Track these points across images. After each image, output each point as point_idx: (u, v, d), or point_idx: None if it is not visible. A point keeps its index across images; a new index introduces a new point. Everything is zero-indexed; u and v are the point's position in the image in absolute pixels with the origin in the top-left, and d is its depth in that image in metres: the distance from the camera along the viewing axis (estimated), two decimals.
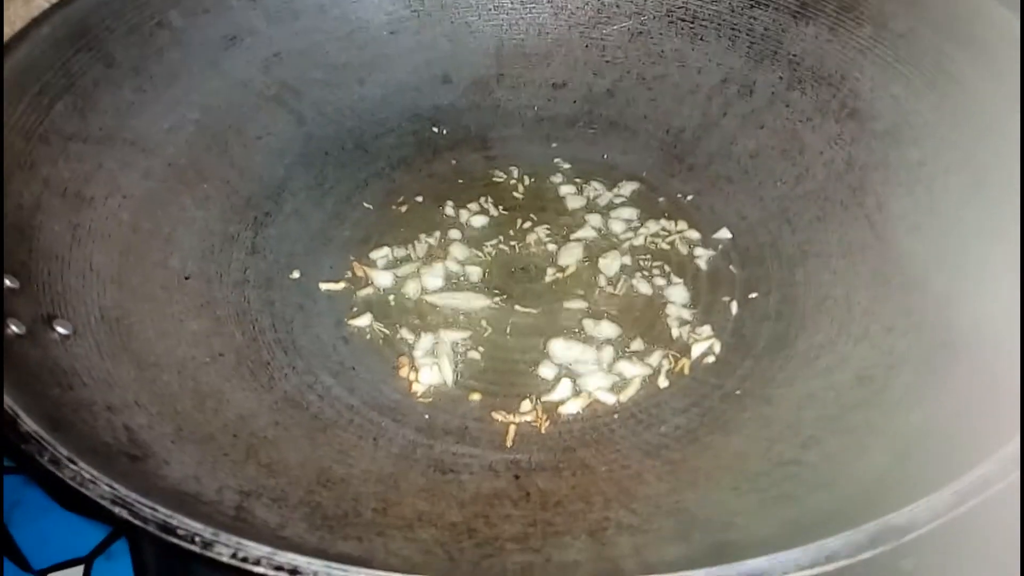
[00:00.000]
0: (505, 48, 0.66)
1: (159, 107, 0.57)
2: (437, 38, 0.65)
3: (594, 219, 0.58)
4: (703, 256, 0.55)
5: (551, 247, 0.56)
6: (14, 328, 0.39)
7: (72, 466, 0.33)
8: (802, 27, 0.60)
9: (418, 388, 0.48)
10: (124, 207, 0.52)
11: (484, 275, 0.54)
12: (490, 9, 0.66)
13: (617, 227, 0.57)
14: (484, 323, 0.51)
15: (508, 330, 0.51)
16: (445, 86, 0.65)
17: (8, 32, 0.67)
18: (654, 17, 0.65)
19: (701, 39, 0.63)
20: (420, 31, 0.65)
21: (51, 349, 0.40)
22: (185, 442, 0.39)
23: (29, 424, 0.33)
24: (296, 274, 0.54)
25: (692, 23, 0.64)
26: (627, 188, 0.60)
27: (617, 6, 0.65)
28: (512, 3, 0.66)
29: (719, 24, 0.63)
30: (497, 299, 0.53)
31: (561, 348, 0.50)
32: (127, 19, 0.57)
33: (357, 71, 0.64)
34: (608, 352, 0.50)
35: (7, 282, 0.41)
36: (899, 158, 0.53)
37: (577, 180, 0.60)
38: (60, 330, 0.41)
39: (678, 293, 0.53)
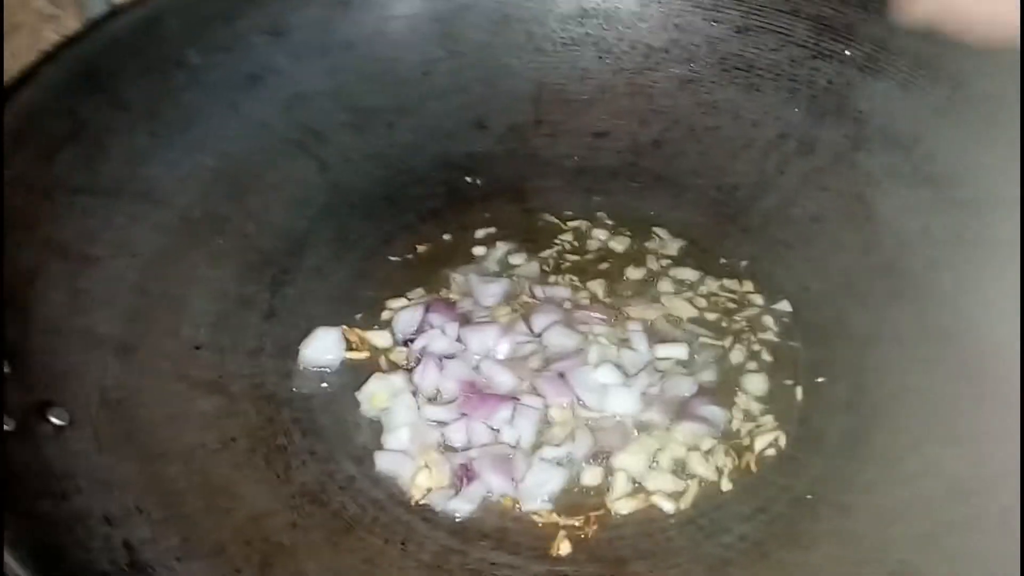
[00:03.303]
0: (544, 93, 0.61)
1: (173, 154, 0.52)
2: (472, 81, 0.61)
3: (643, 277, 0.53)
4: (762, 332, 0.50)
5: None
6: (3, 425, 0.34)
7: None
8: (870, 82, 0.56)
9: None
10: (132, 267, 0.47)
11: None
12: (530, 51, 0.62)
13: (668, 288, 0.52)
14: None
15: None
16: (480, 132, 0.61)
17: (12, 66, 0.64)
18: (706, 64, 0.60)
19: (757, 90, 0.59)
20: (454, 73, 0.61)
21: (43, 447, 0.35)
22: (192, 559, 0.35)
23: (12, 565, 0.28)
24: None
25: (748, 72, 0.59)
26: (674, 248, 0.55)
27: (667, 51, 0.61)
28: (553, 45, 0.62)
29: (777, 75, 0.58)
30: None
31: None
32: (141, 58, 0.53)
33: (386, 115, 0.59)
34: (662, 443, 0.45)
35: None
36: (983, 232, 0.48)
37: (626, 236, 0.55)
38: (55, 420, 0.37)
39: (755, 383, 0.47)
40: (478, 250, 0.55)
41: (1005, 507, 0.38)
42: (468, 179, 0.59)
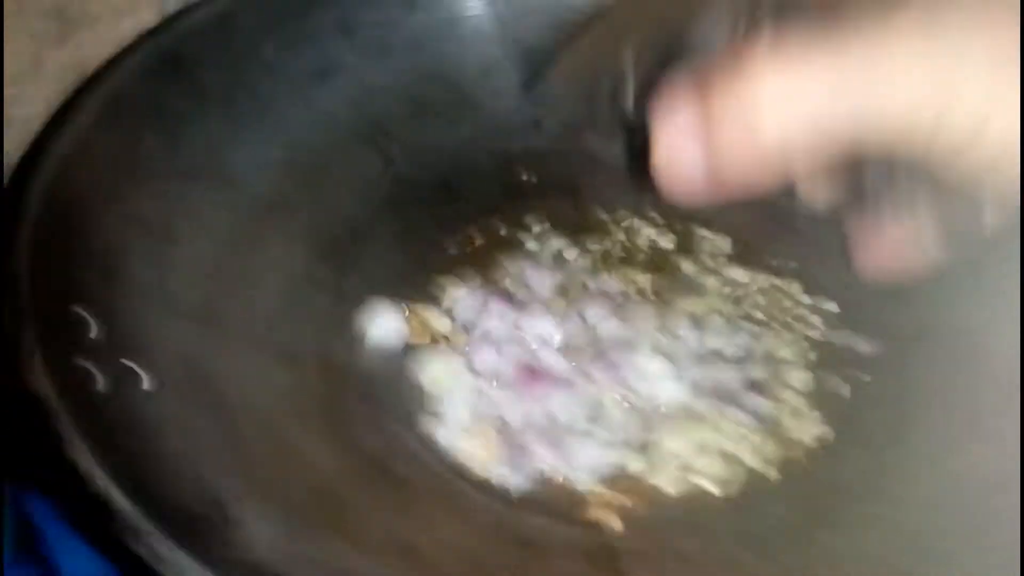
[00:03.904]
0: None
1: (247, 142, 0.55)
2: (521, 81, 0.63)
3: (693, 274, 0.55)
4: (809, 330, 0.52)
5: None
6: (98, 386, 0.37)
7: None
8: None
9: None
10: (210, 245, 0.50)
11: None
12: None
13: (716, 286, 0.54)
14: None
15: None
16: (535, 130, 0.63)
17: (91, 56, 0.67)
18: None
19: None
20: (512, 74, 0.63)
21: (136, 408, 0.38)
22: (272, 517, 0.37)
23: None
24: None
25: None
26: (723, 246, 0.57)
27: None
28: None
29: None
30: None
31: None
32: (218, 50, 0.56)
33: (447, 112, 0.62)
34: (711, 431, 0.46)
35: (90, 334, 0.39)
36: None
37: (675, 232, 0.58)
38: (144, 385, 0.39)
39: (801, 379, 0.49)
40: (532, 243, 0.57)
41: None
42: (523, 175, 0.61)
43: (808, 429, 0.47)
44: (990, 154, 0.29)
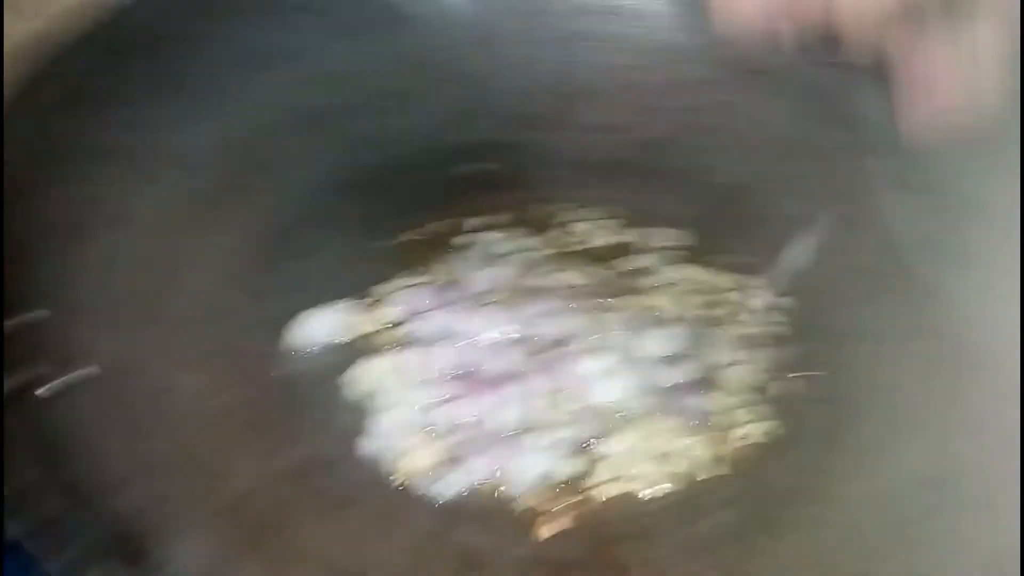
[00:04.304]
0: (545, 85, 0.62)
1: (185, 125, 0.52)
2: (483, 70, 0.61)
3: (635, 270, 0.54)
4: (747, 327, 0.51)
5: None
6: None
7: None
8: (875, 88, 0.55)
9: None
10: (128, 237, 0.47)
11: None
12: (531, 42, 0.62)
13: (660, 282, 0.53)
14: None
15: None
16: (479, 122, 0.61)
17: (30, 28, 0.63)
18: (716, 65, 0.60)
19: (765, 90, 0.59)
20: (470, 61, 0.61)
21: (35, 415, 0.36)
22: (180, 534, 0.35)
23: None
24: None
25: (756, 74, 0.59)
26: (669, 242, 0.55)
27: (671, 48, 0.61)
28: (556, 38, 0.62)
29: (784, 78, 0.58)
30: None
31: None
32: (159, 29, 0.53)
33: (401, 100, 0.59)
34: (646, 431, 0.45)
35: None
36: (981, 237, 0.49)
37: (621, 228, 0.56)
38: (46, 389, 0.37)
39: (737, 376, 0.48)
40: (472, 237, 0.55)
41: (972, 496, 0.40)
42: (464, 167, 0.59)
43: (748, 429, 0.46)
44: None
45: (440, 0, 0.61)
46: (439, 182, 0.58)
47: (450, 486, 0.42)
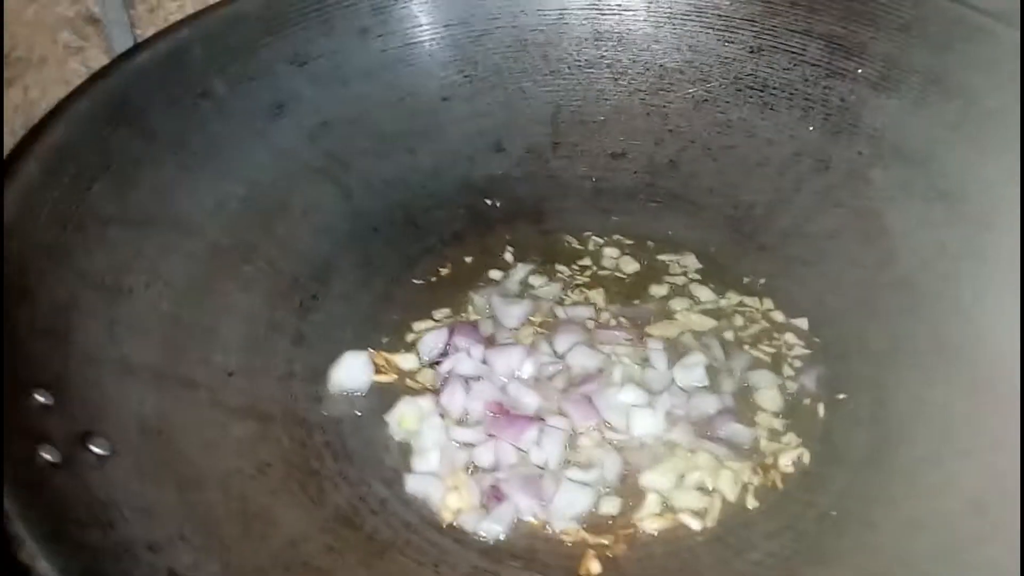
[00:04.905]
0: (561, 115, 0.63)
1: (202, 184, 0.53)
2: (491, 105, 0.62)
3: (662, 297, 0.54)
4: (781, 349, 0.51)
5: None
6: (48, 457, 0.35)
7: None
8: (883, 99, 0.56)
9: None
10: (164, 296, 0.48)
11: None
12: (546, 74, 0.63)
13: (685, 308, 0.53)
14: None
15: None
16: (498, 155, 0.62)
17: (40, 99, 0.65)
18: (721, 84, 0.61)
19: (771, 108, 0.60)
20: (473, 98, 0.62)
21: (87, 477, 0.36)
22: None
23: None
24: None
25: (762, 92, 0.60)
26: (692, 266, 0.56)
27: (681, 72, 0.62)
28: (569, 68, 0.63)
29: (791, 94, 0.59)
30: None
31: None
32: (168, 90, 0.54)
33: (407, 140, 0.60)
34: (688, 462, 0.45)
35: (39, 398, 0.37)
36: (997, 246, 0.49)
37: (648, 255, 0.57)
38: (97, 451, 0.38)
39: (775, 400, 0.48)
40: (499, 272, 0.56)
41: (1015, 521, 0.38)
42: (488, 201, 0.60)
43: (784, 453, 0.46)
44: None
45: (452, 36, 0.62)
46: (465, 218, 0.59)
47: (496, 523, 0.43)
